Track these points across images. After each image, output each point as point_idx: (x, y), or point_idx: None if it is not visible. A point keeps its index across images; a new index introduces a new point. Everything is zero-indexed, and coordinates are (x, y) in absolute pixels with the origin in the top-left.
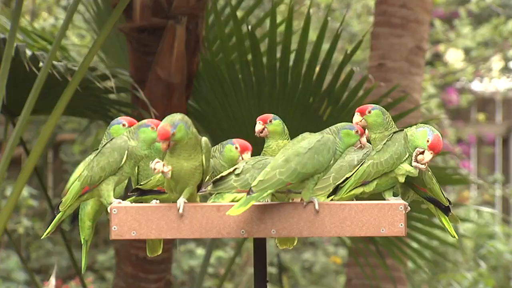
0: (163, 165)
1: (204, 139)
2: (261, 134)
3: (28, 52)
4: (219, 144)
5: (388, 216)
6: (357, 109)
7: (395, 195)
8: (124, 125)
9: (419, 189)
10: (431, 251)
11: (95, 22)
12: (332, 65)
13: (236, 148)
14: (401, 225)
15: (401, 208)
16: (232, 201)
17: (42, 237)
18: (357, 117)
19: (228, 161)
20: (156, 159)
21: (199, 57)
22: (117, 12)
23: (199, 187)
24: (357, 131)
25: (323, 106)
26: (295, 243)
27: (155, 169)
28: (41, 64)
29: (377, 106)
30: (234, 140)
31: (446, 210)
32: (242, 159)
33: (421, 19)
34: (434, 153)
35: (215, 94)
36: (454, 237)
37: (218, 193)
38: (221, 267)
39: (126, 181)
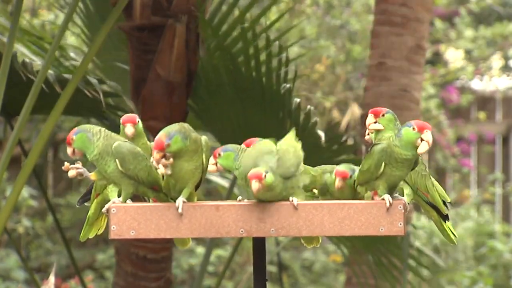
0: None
1: (204, 138)
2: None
3: (26, 51)
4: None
5: (387, 216)
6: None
7: (397, 193)
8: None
9: (422, 194)
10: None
11: (85, 26)
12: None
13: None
14: (400, 224)
15: (400, 207)
16: None
17: None
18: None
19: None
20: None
21: (199, 56)
22: (116, 10)
23: (197, 187)
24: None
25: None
26: (320, 241)
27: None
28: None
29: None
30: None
31: (444, 217)
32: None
33: (421, 17)
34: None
35: (210, 95)
36: (454, 243)
37: None
38: (221, 265)
39: None
